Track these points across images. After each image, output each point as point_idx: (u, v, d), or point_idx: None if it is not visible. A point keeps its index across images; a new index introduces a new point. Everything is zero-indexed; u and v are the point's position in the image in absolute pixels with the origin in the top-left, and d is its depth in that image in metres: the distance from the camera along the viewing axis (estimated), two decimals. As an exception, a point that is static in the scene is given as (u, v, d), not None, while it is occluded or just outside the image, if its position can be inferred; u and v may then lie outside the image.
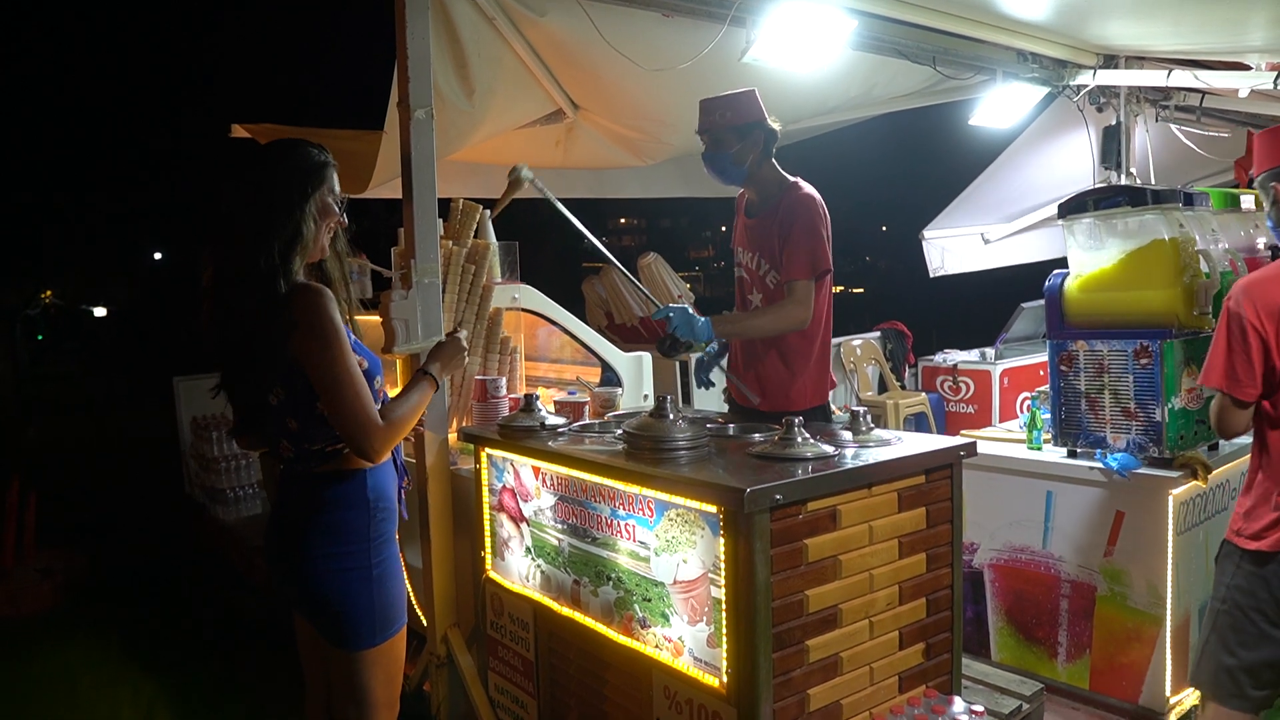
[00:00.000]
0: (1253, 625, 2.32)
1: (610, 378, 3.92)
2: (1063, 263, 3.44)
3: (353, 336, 2.15)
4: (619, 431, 2.64)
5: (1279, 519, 2.27)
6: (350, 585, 2.11)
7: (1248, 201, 3.56)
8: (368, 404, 2.03)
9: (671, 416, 2.44)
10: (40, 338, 28.01)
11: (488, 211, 3.75)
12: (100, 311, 33.41)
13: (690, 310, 3.03)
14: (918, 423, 6.66)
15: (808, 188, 3.14)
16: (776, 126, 3.14)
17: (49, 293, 30.46)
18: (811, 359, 3.16)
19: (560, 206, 3.18)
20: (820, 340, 3.17)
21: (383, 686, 2.18)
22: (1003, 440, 3.69)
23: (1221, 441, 3.30)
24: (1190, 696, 3.09)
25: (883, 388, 7.23)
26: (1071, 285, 3.31)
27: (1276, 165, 2.39)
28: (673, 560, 2.25)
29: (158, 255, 33.54)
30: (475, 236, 3.67)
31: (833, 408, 6.57)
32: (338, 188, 2.16)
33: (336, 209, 2.15)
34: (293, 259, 2.04)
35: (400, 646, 2.24)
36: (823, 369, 3.20)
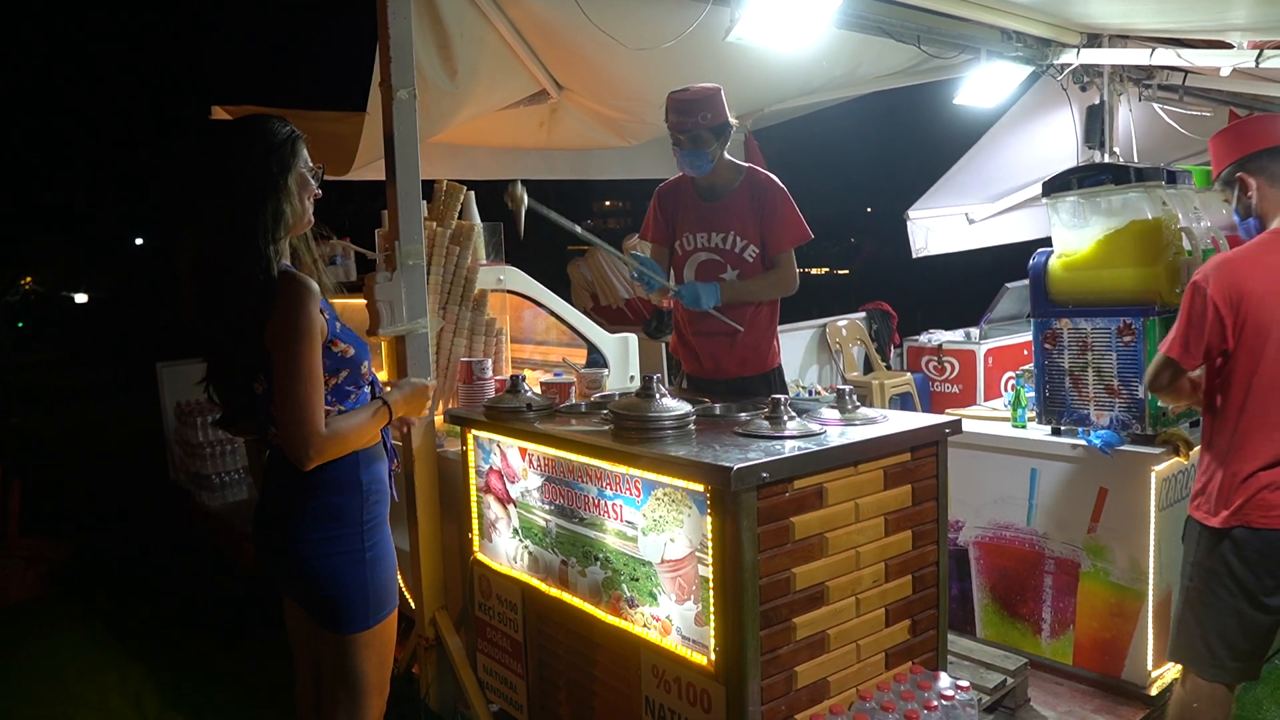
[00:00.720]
0: (1218, 598, 2.38)
1: (596, 359, 3.92)
2: (1046, 242, 3.45)
3: (339, 323, 2.13)
4: (605, 412, 2.64)
5: (1225, 498, 2.34)
6: (343, 568, 2.10)
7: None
8: (316, 409, 1.98)
9: (658, 396, 2.44)
10: (21, 325, 27.75)
11: (472, 193, 3.73)
12: (82, 298, 33.13)
13: (694, 284, 3.40)
14: (903, 403, 6.68)
15: (765, 171, 3.50)
16: (735, 123, 3.43)
17: (29, 279, 30.18)
18: (773, 323, 3.54)
19: (559, 219, 3.29)
20: (773, 305, 3.52)
21: (375, 669, 2.18)
22: (987, 418, 3.71)
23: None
24: (1171, 670, 3.13)
25: (868, 368, 7.24)
26: (1055, 264, 3.32)
27: (1236, 159, 2.47)
28: (660, 539, 2.26)
29: (139, 240, 33.26)
30: (460, 218, 3.65)
31: (818, 388, 6.60)
32: (310, 159, 2.13)
33: (313, 181, 2.13)
34: (279, 240, 2.02)
35: (391, 629, 2.24)
36: (774, 333, 3.57)
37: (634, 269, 3.42)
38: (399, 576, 3.11)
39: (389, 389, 2.34)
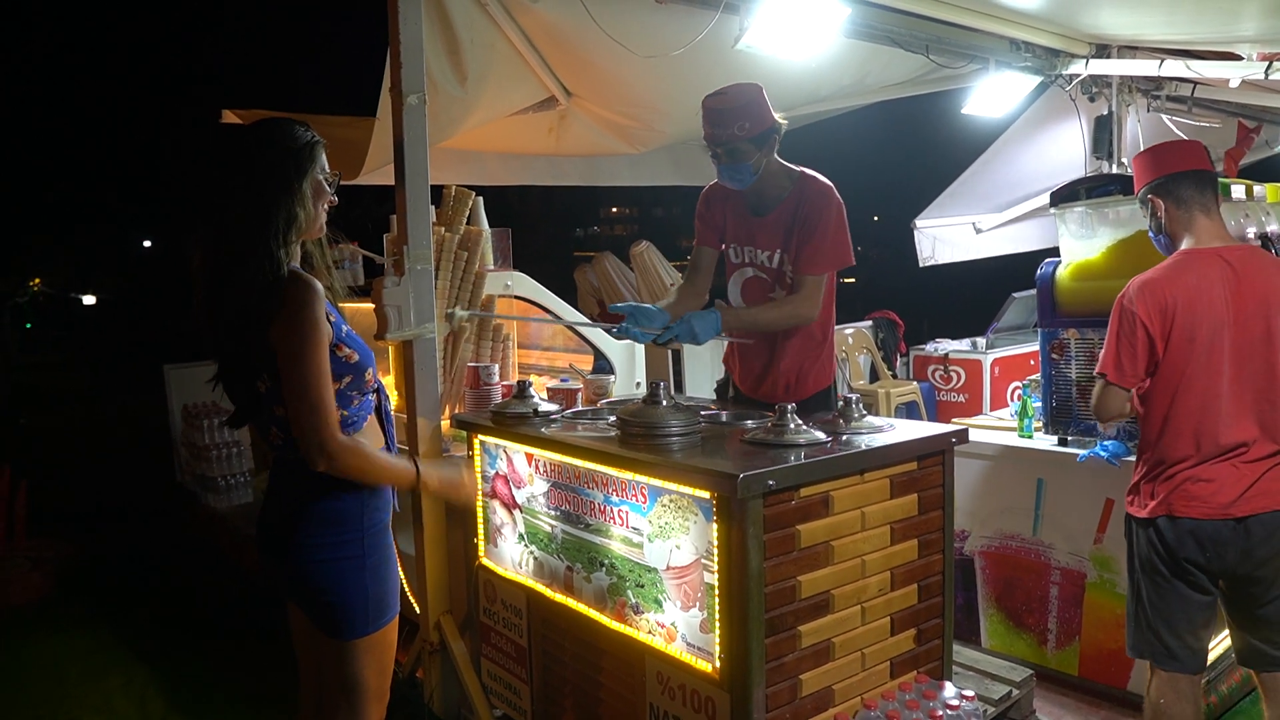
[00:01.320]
0: (1158, 586, 2.51)
1: (603, 365, 3.93)
2: (1054, 253, 3.45)
3: (345, 326, 2.13)
4: (612, 418, 2.64)
5: (1151, 489, 2.50)
6: (344, 574, 2.10)
7: (1238, 191, 3.57)
8: (329, 408, 1.98)
9: (665, 403, 2.45)
10: (29, 326, 27.84)
11: (480, 198, 3.74)
12: (89, 299, 33.22)
13: (691, 318, 2.93)
14: (909, 411, 6.67)
15: (822, 179, 3.06)
16: (783, 121, 3.02)
17: (38, 280, 30.29)
18: (818, 347, 3.14)
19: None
20: (820, 324, 3.10)
21: (375, 676, 2.17)
22: (994, 428, 3.70)
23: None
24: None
25: (874, 376, 7.23)
26: (1063, 274, 3.32)
27: (1147, 181, 2.61)
28: (666, 546, 2.26)
29: (147, 243, 33.37)
30: (468, 223, 3.66)
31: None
32: (328, 165, 2.14)
33: (328, 188, 2.13)
34: (290, 243, 2.03)
35: (392, 635, 2.23)
36: (831, 353, 3.19)
37: (617, 327, 3.02)
38: (403, 581, 3.13)
39: (429, 463, 2.32)
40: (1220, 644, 3.21)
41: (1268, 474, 2.43)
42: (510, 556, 2.90)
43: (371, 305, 3.05)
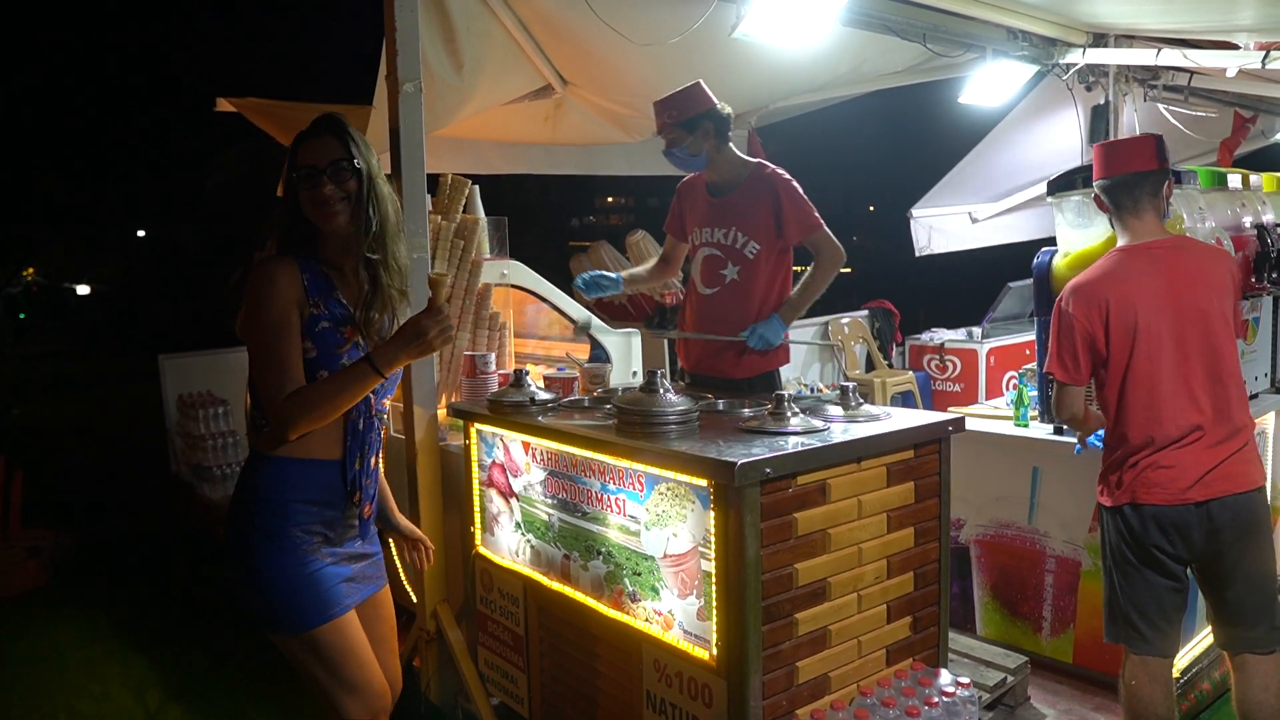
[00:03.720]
0: (1126, 573, 2.59)
1: (599, 354, 3.92)
2: (1050, 242, 3.45)
3: (325, 324, 2.10)
4: (609, 407, 2.64)
5: (1117, 479, 2.60)
6: (243, 573, 2.12)
7: (1234, 181, 3.58)
8: (272, 376, 2.01)
9: (662, 391, 2.44)
10: (22, 316, 27.74)
11: (476, 187, 3.73)
12: (84, 289, 33.07)
13: (758, 328, 3.34)
14: (905, 401, 6.68)
15: (770, 165, 3.47)
16: (727, 111, 3.39)
17: (31, 270, 30.14)
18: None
19: None
20: (778, 300, 3.44)
21: (326, 672, 2.14)
22: (990, 417, 3.71)
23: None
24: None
25: (870, 366, 7.23)
26: (1060, 263, 3.32)
27: (1095, 179, 2.71)
28: (663, 534, 2.26)
29: (141, 233, 33.22)
30: (464, 212, 3.65)
31: (820, 385, 6.59)
32: (309, 157, 2.10)
33: (305, 183, 2.09)
34: (268, 236, 2.09)
35: (330, 638, 2.13)
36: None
37: (581, 283, 3.70)
38: (399, 570, 3.13)
39: (382, 345, 2.10)
40: (1197, 645, 3.25)
41: (1230, 458, 2.51)
42: (507, 545, 2.90)
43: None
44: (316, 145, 2.10)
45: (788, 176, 3.41)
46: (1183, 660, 3.22)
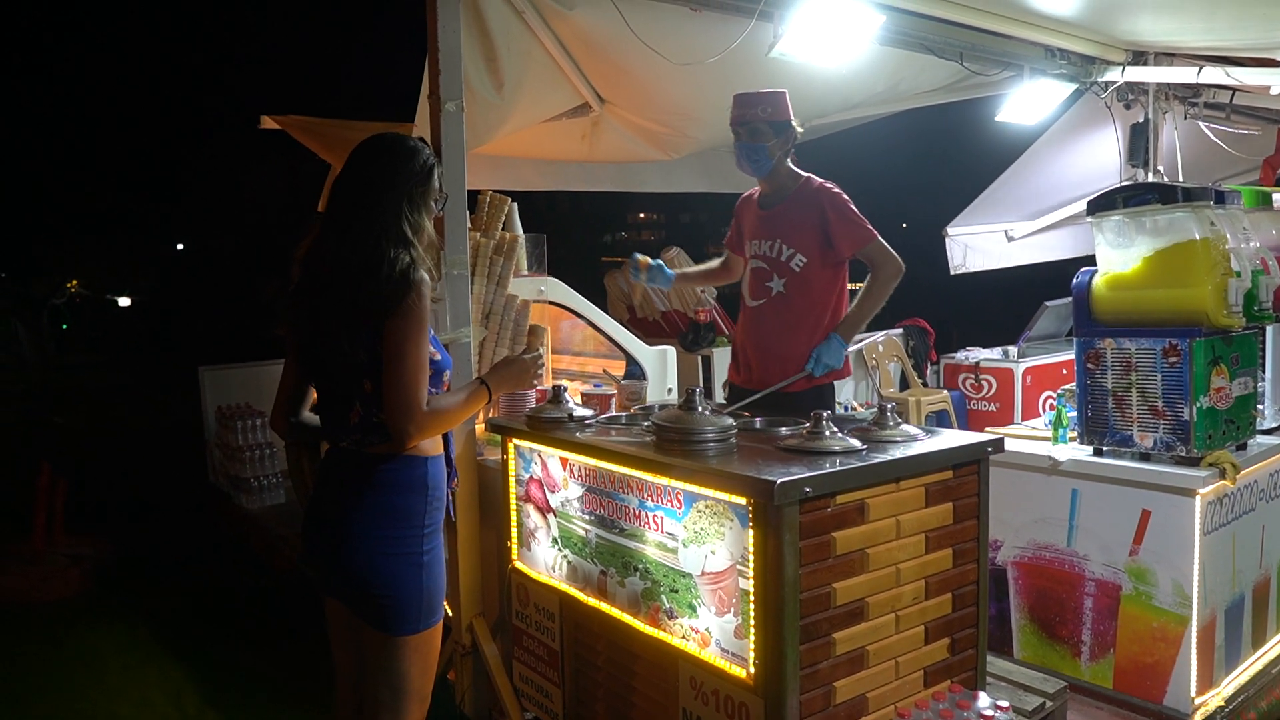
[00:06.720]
0: None
1: (634, 371, 3.94)
2: (1087, 261, 3.42)
3: (431, 331, 2.20)
4: (647, 424, 2.65)
5: None
6: (400, 569, 2.15)
7: (1279, 200, 3.54)
8: (421, 388, 2.09)
9: (700, 409, 2.45)
10: (65, 327, 28.25)
11: (515, 204, 3.77)
12: (125, 301, 33.68)
13: (827, 344, 3.31)
14: (939, 420, 6.63)
15: (822, 179, 3.45)
16: (800, 129, 3.41)
17: (75, 282, 30.72)
18: (819, 334, 3.37)
19: None
20: (830, 316, 3.40)
21: (419, 675, 2.20)
22: (1028, 437, 3.67)
23: (1250, 441, 3.29)
24: (1215, 697, 3.08)
25: (904, 385, 7.20)
26: (1099, 283, 3.29)
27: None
28: (701, 551, 2.27)
29: (180, 246, 33.77)
30: (503, 229, 3.69)
31: (854, 404, 6.57)
32: (440, 187, 2.30)
33: (436, 205, 2.29)
34: (413, 246, 2.15)
35: (438, 637, 2.26)
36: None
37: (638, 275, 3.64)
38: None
39: (491, 373, 2.43)
40: (1244, 673, 3.18)
41: None
42: (543, 560, 2.92)
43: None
44: None
45: (836, 190, 3.38)
46: (1228, 688, 3.17)
